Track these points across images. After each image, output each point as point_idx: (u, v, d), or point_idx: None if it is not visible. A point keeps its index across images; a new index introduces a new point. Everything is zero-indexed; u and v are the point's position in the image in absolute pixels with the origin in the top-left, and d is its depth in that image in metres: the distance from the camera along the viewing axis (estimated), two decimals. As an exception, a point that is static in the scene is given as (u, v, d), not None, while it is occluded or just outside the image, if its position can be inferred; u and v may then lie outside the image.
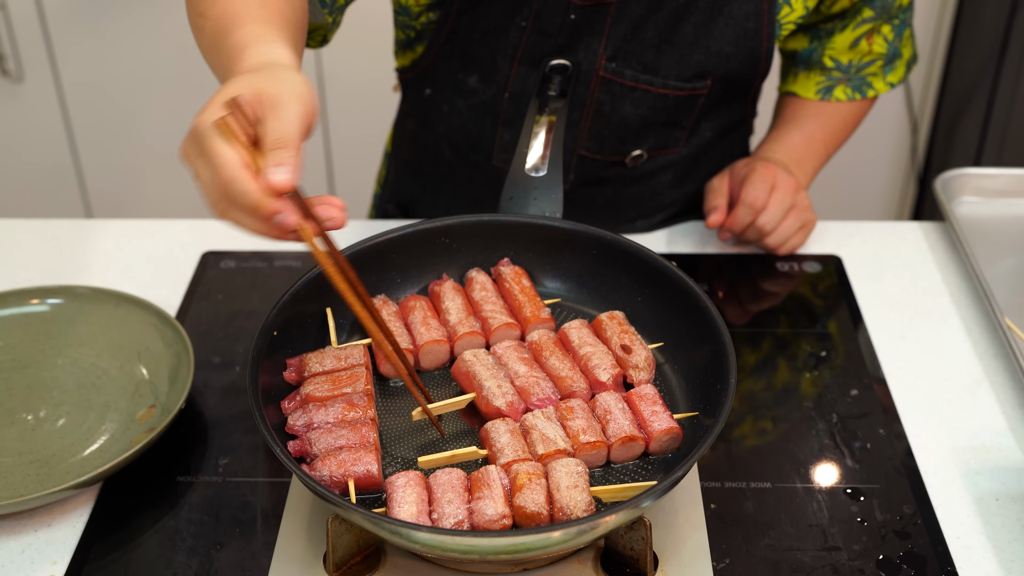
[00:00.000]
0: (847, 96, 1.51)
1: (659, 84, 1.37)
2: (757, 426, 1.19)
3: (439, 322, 1.17)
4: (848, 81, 1.50)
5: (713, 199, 1.45)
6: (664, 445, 1.05)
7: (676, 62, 1.36)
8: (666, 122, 1.42)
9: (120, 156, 2.77)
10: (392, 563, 1.01)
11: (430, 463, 1.03)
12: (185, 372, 1.17)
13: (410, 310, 1.18)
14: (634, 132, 1.42)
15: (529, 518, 0.96)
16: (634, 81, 1.36)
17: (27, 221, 1.53)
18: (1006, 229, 1.52)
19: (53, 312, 1.28)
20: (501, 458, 1.01)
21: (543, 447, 1.02)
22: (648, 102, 1.39)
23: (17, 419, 1.17)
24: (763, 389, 1.24)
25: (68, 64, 2.63)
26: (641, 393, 1.07)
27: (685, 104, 1.40)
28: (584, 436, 1.03)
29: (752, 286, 1.42)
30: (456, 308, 1.17)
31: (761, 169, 1.41)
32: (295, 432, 1.05)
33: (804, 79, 1.52)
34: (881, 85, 1.52)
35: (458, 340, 1.15)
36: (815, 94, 1.51)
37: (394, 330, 1.14)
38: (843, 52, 1.47)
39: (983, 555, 1.05)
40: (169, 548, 1.05)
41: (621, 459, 1.05)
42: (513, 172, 1.28)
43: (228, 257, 1.44)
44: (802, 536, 1.06)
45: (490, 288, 1.20)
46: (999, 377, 1.27)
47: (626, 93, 1.37)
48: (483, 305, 1.18)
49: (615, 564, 1.01)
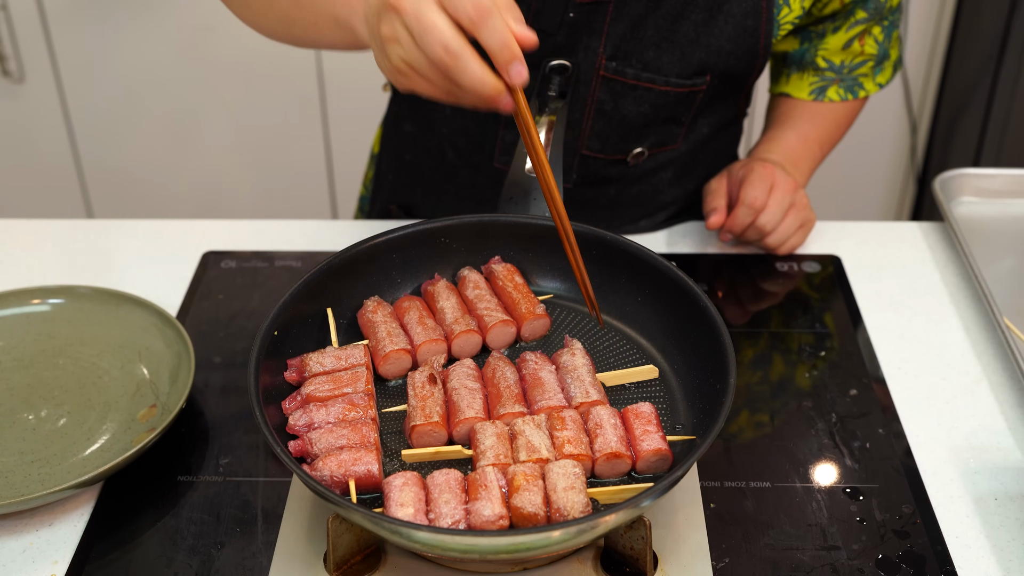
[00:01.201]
0: (840, 96, 1.52)
1: (660, 82, 1.37)
2: (756, 425, 1.19)
3: (435, 321, 1.17)
4: (841, 82, 1.51)
5: (712, 200, 1.45)
6: (652, 465, 1.03)
7: (677, 60, 1.36)
8: (666, 119, 1.42)
9: (121, 156, 2.77)
10: (392, 563, 1.01)
11: (414, 457, 1.03)
12: (186, 372, 1.17)
13: (405, 311, 1.18)
14: (635, 130, 1.42)
15: (526, 519, 0.96)
16: (635, 79, 1.36)
17: (28, 221, 1.53)
18: (1005, 229, 1.52)
19: (54, 312, 1.29)
20: (482, 460, 1.01)
21: (526, 454, 1.01)
22: (649, 100, 1.39)
23: (18, 419, 1.18)
24: (763, 389, 1.25)
25: (69, 65, 2.63)
26: (638, 411, 1.06)
27: (685, 100, 1.40)
28: (568, 447, 1.02)
29: (752, 286, 1.42)
30: (451, 307, 1.17)
31: (759, 169, 1.41)
32: (296, 432, 1.05)
33: (797, 80, 1.53)
34: (871, 86, 1.53)
35: (455, 339, 1.15)
36: (808, 95, 1.52)
37: (390, 332, 1.14)
38: (836, 53, 1.48)
39: (982, 554, 1.05)
40: (170, 547, 1.05)
41: (607, 475, 1.03)
42: (513, 172, 1.28)
43: (229, 257, 1.44)
44: (801, 535, 1.06)
45: (483, 286, 1.20)
46: (998, 377, 1.27)
47: (627, 91, 1.38)
48: (477, 303, 1.18)
49: (615, 563, 1.01)
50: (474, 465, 1.02)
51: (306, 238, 1.49)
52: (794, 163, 1.50)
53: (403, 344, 1.14)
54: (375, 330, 1.15)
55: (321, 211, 2.87)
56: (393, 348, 1.12)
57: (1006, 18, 2.43)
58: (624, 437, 1.04)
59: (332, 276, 1.17)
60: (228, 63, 2.62)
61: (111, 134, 2.73)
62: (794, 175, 1.48)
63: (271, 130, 2.74)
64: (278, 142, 2.76)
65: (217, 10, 2.56)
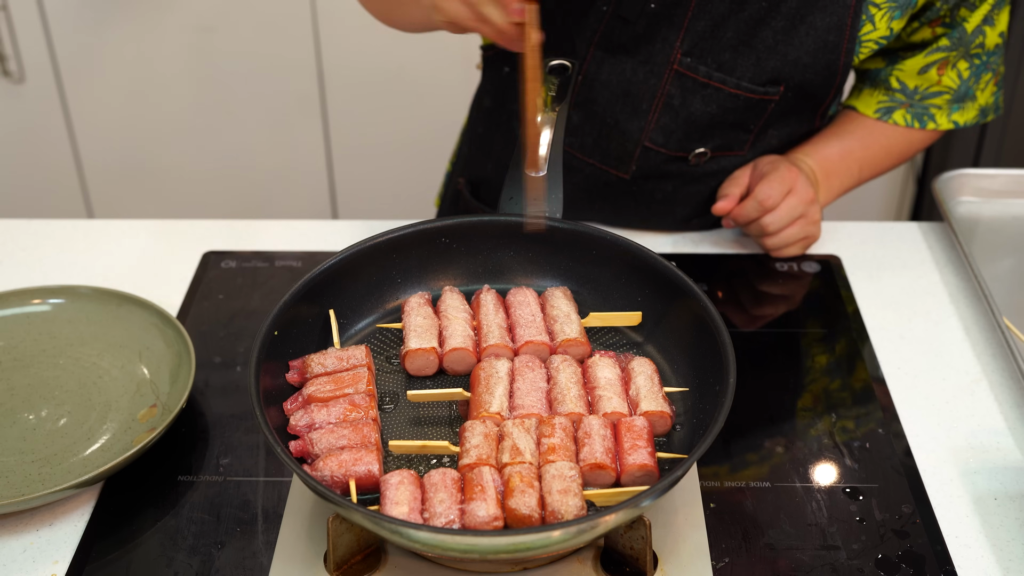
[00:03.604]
0: (906, 122, 1.48)
1: (732, 84, 1.36)
2: (756, 425, 1.19)
3: (472, 328, 1.17)
4: (910, 107, 1.47)
5: (728, 186, 1.44)
6: (637, 480, 1.03)
7: (752, 65, 1.35)
8: (733, 123, 1.41)
9: (121, 156, 2.77)
10: (393, 562, 1.02)
11: (400, 449, 1.04)
12: (186, 372, 1.17)
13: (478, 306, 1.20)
14: (701, 129, 1.41)
15: (521, 521, 0.96)
16: (707, 78, 1.36)
17: (29, 221, 1.53)
18: (1004, 229, 1.52)
19: (55, 312, 1.29)
20: (465, 458, 1.02)
21: (509, 456, 1.01)
22: (719, 101, 1.38)
23: (19, 418, 1.18)
24: (762, 389, 1.25)
25: (69, 65, 2.63)
26: (631, 424, 1.05)
27: (755, 107, 1.39)
28: (552, 454, 1.02)
29: (752, 286, 1.42)
30: (496, 323, 1.18)
31: (783, 170, 1.40)
32: (297, 432, 1.05)
33: (867, 96, 1.49)
34: (944, 121, 1.47)
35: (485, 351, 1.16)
36: (874, 112, 1.48)
37: (432, 324, 1.17)
38: (911, 76, 1.45)
39: (981, 554, 1.05)
40: (170, 547, 1.05)
41: (592, 484, 1.03)
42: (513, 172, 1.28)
43: (229, 257, 1.44)
44: (801, 535, 1.06)
45: (533, 304, 1.20)
46: (997, 377, 1.27)
47: (698, 89, 1.37)
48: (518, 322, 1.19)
49: (615, 563, 1.01)
50: (458, 462, 1.03)
51: (306, 238, 1.49)
52: (826, 175, 1.48)
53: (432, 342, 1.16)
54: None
55: (321, 211, 2.88)
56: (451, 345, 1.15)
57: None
58: (611, 449, 1.03)
59: (332, 276, 1.17)
60: (228, 63, 2.62)
61: (111, 134, 2.73)
62: (822, 187, 1.47)
63: (271, 130, 2.74)
64: (278, 142, 2.76)
65: (217, 10, 2.57)
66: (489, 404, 1.07)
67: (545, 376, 1.12)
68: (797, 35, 1.33)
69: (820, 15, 1.32)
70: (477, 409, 1.07)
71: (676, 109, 1.39)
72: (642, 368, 1.11)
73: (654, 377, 1.10)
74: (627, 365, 1.13)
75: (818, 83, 1.38)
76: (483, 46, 1.55)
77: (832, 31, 1.33)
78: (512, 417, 1.07)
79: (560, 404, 1.08)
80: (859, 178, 1.52)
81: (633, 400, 1.09)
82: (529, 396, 1.08)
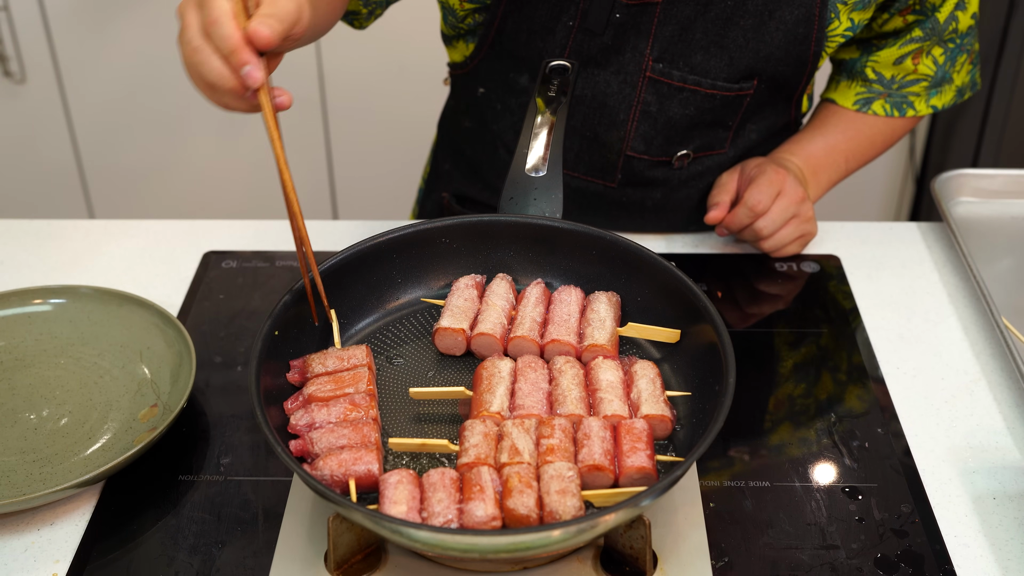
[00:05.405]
0: (885, 112, 1.48)
1: (707, 85, 1.36)
2: (756, 425, 1.20)
3: (506, 318, 1.18)
4: (888, 96, 1.47)
5: (718, 194, 1.44)
6: (635, 482, 1.02)
7: (725, 64, 1.35)
8: (712, 122, 1.41)
9: (122, 157, 2.77)
10: (393, 562, 1.02)
11: (400, 447, 1.04)
12: (187, 371, 1.18)
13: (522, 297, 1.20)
14: (680, 132, 1.41)
15: (519, 521, 0.96)
16: (682, 82, 1.36)
17: (30, 221, 1.53)
18: (1003, 229, 1.52)
19: (56, 312, 1.29)
20: (464, 457, 1.02)
21: (507, 456, 1.01)
22: (695, 102, 1.38)
23: (20, 418, 1.18)
24: (762, 389, 1.25)
25: (70, 65, 2.63)
26: (631, 426, 1.05)
27: (731, 104, 1.39)
28: (550, 455, 1.02)
29: (751, 286, 1.43)
30: (531, 316, 1.18)
31: (771, 173, 1.40)
32: (297, 432, 1.05)
33: (845, 88, 1.50)
34: (923, 107, 1.48)
35: (510, 342, 1.16)
36: (853, 104, 1.49)
37: (473, 306, 1.18)
38: (887, 66, 1.45)
39: (980, 553, 1.06)
40: (171, 547, 1.06)
41: (590, 486, 1.02)
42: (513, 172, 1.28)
43: (229, 257, 1.45)
44: (800, 535, 1.07)
45: (573, 304, 1.20)
46: (996, 376, 1.27)
47: (673, 94, 1.37)
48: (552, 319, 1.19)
49: (615, 563, 1.01)
50: (457, 461, 1.03)
51: (307, 238, 1.49)
52: (813, 171, 1.48)
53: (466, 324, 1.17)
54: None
55: (321, 211, 2.88)
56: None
57: (1004, 19, 2.44)
58: (610, 451, 1.03)
59: (332, 276, 1.17)
60: (228, 63, 2.62)
61: (112, 134, 2.74)
62: (811, 184, 1.47)
63: (271, 130, 2.74)
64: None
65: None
66: (490, 403, 1.07)
67: (547, 377, 1.12)
68: (767, 31, 1.33)
69: (788, 9, 1.32)
70: (478, 408, 1.07)
71: (654, 115, 1.39)
72: (645, 371, 1.11)
73: (656, 380, 1.11)
74: (630, 368, 1.13)
75: (790, 74, 1.38)
76: (450, 64, 1.53)
77: (801, 24, 1.33)
78: (512, 417, 1.07)
79: (561, 405, 1.08)
80: (846, 170, 1.53)
81: (634, 403, 1.09)
82: (530, 396, 1.09)
